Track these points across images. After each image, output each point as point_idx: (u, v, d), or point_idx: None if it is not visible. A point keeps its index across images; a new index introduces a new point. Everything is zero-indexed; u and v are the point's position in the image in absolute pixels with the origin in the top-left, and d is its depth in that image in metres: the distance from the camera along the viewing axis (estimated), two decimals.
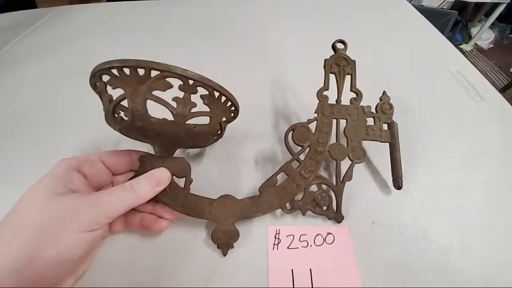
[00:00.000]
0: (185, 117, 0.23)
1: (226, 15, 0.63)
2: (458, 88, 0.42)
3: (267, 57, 0.49)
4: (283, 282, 0.24)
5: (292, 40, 0.54)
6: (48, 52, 0.53)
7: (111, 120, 0.24)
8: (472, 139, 0.35)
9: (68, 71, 0.48)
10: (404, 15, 0.62)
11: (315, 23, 0.59)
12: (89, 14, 0.67)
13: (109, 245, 0.27)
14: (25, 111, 0.41)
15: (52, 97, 0.43)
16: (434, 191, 0.30)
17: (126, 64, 0.20)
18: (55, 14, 0.67)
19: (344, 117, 0.30)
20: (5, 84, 0.46)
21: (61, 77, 0.47)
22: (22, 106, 0.42)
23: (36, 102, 0.42)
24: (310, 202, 0.28)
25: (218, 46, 0.53)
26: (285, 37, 0.55)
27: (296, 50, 0.51)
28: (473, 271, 0.25)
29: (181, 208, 0.26)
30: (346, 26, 0.58)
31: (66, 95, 0.43)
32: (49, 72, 0.48)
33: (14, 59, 0.52)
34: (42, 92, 0.44)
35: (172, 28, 0.59)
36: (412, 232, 0.27)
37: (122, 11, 0.68)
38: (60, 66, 0.49)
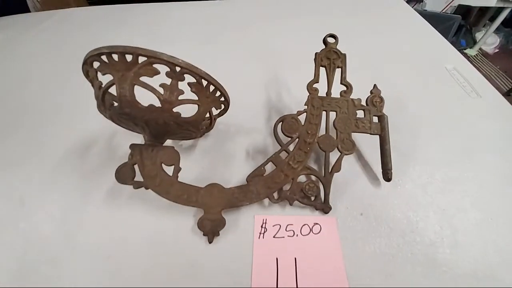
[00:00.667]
0: (172, 103, 0.23)
1: (221, 14, 0.65)
2: (454, 85, 0.41)
3: (262, 55, 0.50)
4: (267, 270, 0.24)
5: (288, 38, 0.55)
6: (53, 50, 0.55)
7: (101, 107, 0.25)
8: (467, 135, 0.35)
9: (71, 68, 0.49)
10: (401, 14, 0.62)
11: (311, 22, 0.60)
12: (92, 15, 0.69)
13: (94, 231, 0.27)
14: (31, 105, 0.42)
15: (55, 92, 0.45)
16: (425, 185, 0.30)
17: (115, 50, 0.21)
18: (61, 16, 0.69)
19: (334, 110, 0.30)
20: (14, 79, 0.48)
21: (64, 73, 0.48)
22: (28, 100, 0.43)
23: (40, 97, 0.44)
24: (297, 193, 0.28)
25: (213, 44, 0.54)
26: (281, 35, 0.56)
27: (291, 48, 0.51)
28: (463, 266, 0.24)
29: (168, 196, 0.26)
30: (341, 24, 0.58)
31: (67, 91, 0.45)
32: (55, 68, 0.50)
33: (23, 56, 0.54)
34: (47, 87, 0.46)
35: (168, 28, 0.61)
36: (400, 225, 0.27)
37: (121, 13, 0.70)
38: (64, 63, 0.51)
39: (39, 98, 0.43)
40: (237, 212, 0.28)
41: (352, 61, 0.31)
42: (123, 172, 0.26)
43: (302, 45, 0.53)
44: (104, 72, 0.22)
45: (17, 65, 0.52)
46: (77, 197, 0.30)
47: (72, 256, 0.26)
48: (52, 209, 0.29)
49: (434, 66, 0.46)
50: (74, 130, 0.37)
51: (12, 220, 0.29)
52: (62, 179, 0.32)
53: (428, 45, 0.51)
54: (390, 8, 0.64)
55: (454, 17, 1.63)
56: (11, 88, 0.46)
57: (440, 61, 0.47)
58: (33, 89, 0.46)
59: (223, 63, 0.46)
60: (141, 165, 0.26)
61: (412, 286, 0.23)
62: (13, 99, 0.44)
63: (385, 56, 0.48)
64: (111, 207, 0.29)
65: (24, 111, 0.41)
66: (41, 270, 0.25)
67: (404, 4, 0.67)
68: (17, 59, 0.53)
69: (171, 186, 0.26)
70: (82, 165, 0.33)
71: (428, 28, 0.56)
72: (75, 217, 0.29)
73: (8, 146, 0.36)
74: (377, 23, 0.58)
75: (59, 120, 0.40)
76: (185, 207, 0.27)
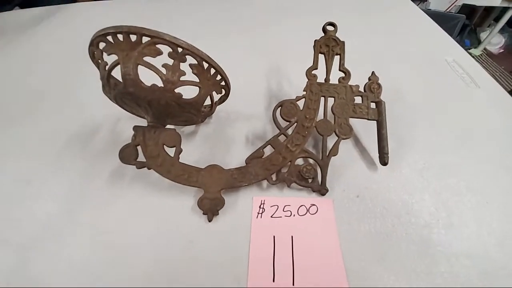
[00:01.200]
0: (174, 84, 0.24)
1: (223, 4, 0.65)
2: (453, 76, 0.42)
3: (263, 45, 0.51)
4: (265, 247, 0.25)
5: (289, 29, 0.56)
6: (64, 42, 0.57)
7: (106, 87, 0.26)
8: (464, 123, 0.35)
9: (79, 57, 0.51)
10: (402, 8, 0.63)
11: (313, 13, 0.60)
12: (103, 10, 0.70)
13: (97, 210, 0.28)
14: (39, 92, 0.43)
15: (62, 80, 0.46)
16: (421, 170, 0.30)
17: (120, 30, 0.22)
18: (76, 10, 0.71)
19: (332, 95, 0.31)
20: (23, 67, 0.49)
21: (66, 62, 0.50)
22: (36, 88, 0.44)
23: (47, 85, 0.45)
24: (295, 175, 0.28)
25: (214, 33, 0.55)
26: (282, 25, 0.57)
27: (292, 38, 0.52)
28: (457, 246, 0.25)
29: (169, 175, 0.27)
30: (342, 15, 0.59)
31: (74, 78, 0.46)
32: (61, 58, 0.51)
33: (30, 47, 0.55)
34: (54, 76, 0.47)
35: (171, 19, 0.62)
36: (396, 207, 0.27)
37: (128, 7, 0.71)
38: (70, 53, 0.52)
39: (47, 86, 0.45)
40: (236, 194, 0.29)
41: (351, 52, 0.32)
42: (126, 153, 0.27)
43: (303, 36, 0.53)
44: (110, 52, 0.23)
45: (25, 55, 0.53)
46: (81, 178, 0.31)
47: (75, 232, 0.27)
48: (56, 189, 0.30)
49: (434, 58, 0.46)
50: (80, 116, 0.38)
51: (19, 198, 0.30)
52: (67, 161, 0.33)
53: (428, 38, 0.52)
54: (391, 1, 0.64)
55: (458, 16, 1.62)
56: (20, 76, 0.48)
57: (440, 53, 0.47)
58: (41, 77, 0.47)
59: (224, 52, 0.47)
60: (144, 146, 0.27)
61: (407, 264, 0.23)
62: (22, 87, 0.45)
63: (385, 48, 0.49)
64: (114, 188, 0.30)
65: (32, 98, 0.43)
66: (45, 245, 0.26)
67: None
68: (24, 49, 0.55)
69: (172, 166, 0.27)
70: (87, 148, 0.34)
71: (428, 22, 0.56)
72: (79, 197, 0.30)
73: (17, 130, 0.37)
74: (378, 16, 0.59)
75: (66, 106, 0.41)
76: (186, 187, 0.27)
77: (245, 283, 0.23)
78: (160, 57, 0.23)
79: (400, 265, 0.23)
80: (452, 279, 0.23)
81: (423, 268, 0.23)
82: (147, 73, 0.23)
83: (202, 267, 0.24)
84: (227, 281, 0.23)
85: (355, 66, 0.31)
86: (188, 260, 0.24)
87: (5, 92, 0.44)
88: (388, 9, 0.63)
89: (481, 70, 0.44)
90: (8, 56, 0.52)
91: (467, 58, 0.47)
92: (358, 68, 0.31)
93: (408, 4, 0.64)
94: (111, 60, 0.24)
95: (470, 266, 0.23)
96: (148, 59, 0.23)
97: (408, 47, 0.49)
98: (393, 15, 0.60)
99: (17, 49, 0.54)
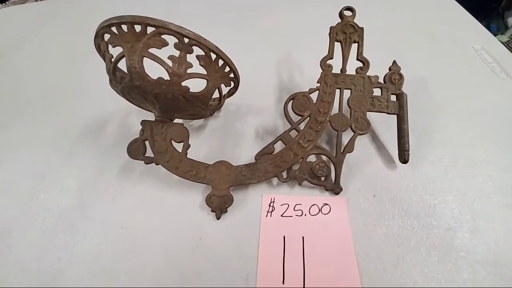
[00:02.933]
0: (181, 76, 0.23)
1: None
2: (481, 65, 0.38)
3: (274, 34, 0.48)
4: (274, 247, 0.24)
5: (302, 16, 0.53)
6: (72, 36, 0.57)
7: (113, 81, 0.25)
8: (493, 116, 0.32)
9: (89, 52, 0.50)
10: None
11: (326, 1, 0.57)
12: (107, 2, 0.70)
13: (108, 204, 0.28)
14: (51, 89, 0.44)
15: (69, 75, 0.46)
16: (445, 168, 0.28)
17: (124, 20, 0.21)
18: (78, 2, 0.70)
19: (348, 87, 0.29)
20: (29, 64, 0.50)
21: (77, 58, 0.50)
22: (49, 84, 0.45)
23: (59, 81, 0.45)
24: (307, 172, 0.27)
25: (223, 23, 0.53)
26: (294, 13, 0.54)
27: (305, 27, 0.49)
28: (482, 252, 0.23)
29: (177, 171, 0.26)
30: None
31: (81, 73, 0.46)
32: (73, 53, 0.51)
33: (37, 44, 0.56)
34: (61, 71, 0.47)
35: (179, 9, 0.60)
36: (416, 208, 0.25)
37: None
38: (77, 49, 0.52)
39: (59, 83, 0.45)
40: (245, 191, 0.28)
41: (371, 39, 0.29)
42: (134, 148, 0.27)
43: (317, 22, 0.51)
44: (115, 44, 0.23)
45: (36, 48, 0.54)
46: (93, 172, 0.31)
47: (87, 226, 0.27)
48: (69, 183, 0.31)
49: (460, 46, 0.42)
50: (90, 111, 0.38)
51: (33, 192, 0.31)
52: (79, 156, 0.33)
53: (454, 23, 0.48)
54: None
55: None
56: (33, 72, 0.48)
57: (467, 40, 0.43)
58: (54, 73, 0.47)
59: (234, 43, 0.45)
60: (152, 141, 0.27)
61: (426, 270, 0.22)
62: (35, 83, 0.45)
63: (407, 36, 0.45)
64: (124, 182, 0.30)
65: (45, 94, 0.43)
66: (58, 237, 0.26)
67: None
68: (36, 43, 0.55)
69: (180, 162, 0.27)
70: (97, 143, 0.34)
71: (454, 6, 0.52)
72: (91, 191, 0.30)
73: (30, 125, 0.38)
74: (400, 0, 0.55)
75: (77, 101, 0.41)
76: (194, 184, 0.27)
77: (254, 283, 0.22)
78: (166, 49, 0.22)
79: (419, 270, 0.22)
80: None
81: (444, 274, 0.22)
82: (154, 65, 0.22)
83: (211, 264, 0.24)
84: (236, 280, 0.23)
85: (375, 55, 0.29)
86: (197, 257, 0.24)
87: (18, 88, 0.45)
88: None
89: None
90: (18, 51, 0.53)
91: (497, 46, 0.42)
92: (377, 57, 0.29)
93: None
94: (116, 53, 0.23)
95: (496, 274, 0.22)
96: (154, 51, 0.22)
97: (432, 34, 0.45)
98: None
99: (26, 43, 0.55)
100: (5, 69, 0.49)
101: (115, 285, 0.23)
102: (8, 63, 0.50)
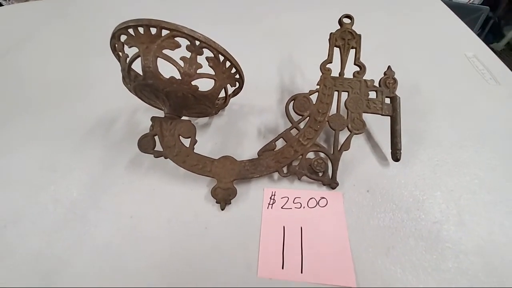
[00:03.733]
0: (191, 76, 0.25)
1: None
2: (472, 72, 0.41)
3: (277, 38, 0.51)
4: (275, 236, 0.26)
5: (303, 21, 0.55)
6: (77, 34, 0.58)
7: (127, 79, 0.27)
8: (481, 120, 0.34)
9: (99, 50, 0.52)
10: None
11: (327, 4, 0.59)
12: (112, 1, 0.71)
13: (117, 196, 0.30)
14: (62, 85, 0.45)
15: (79, 72, 0.48)
16: (434, 166, 0.30)
17: (140, 23, 0.23)
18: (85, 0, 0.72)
19: (346, 90, 0.31)
20: (38, 61, 0.51)
21: (87, 55, 0.51)
22: (59, 81, 0.46)
23: (66, 76, 0.47)
24: (306, 168, 0.29)
25: (228, 26, 0.55)
26: (296, 18, 0.56)
27: (306, 31, 0.52)
28: (466, 243, 0.25)
29: (185, 165, 0.28)
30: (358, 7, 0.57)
31: (90, 71, 0.47)
32: (77, 51, 0.53)
33: (45, 41, 0.57)
34: (71, 68, 0.49)
35: (184, 10, 0.62)
36: (406, 202, 0.27)
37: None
38: (86, 46, 0.54)
39: (69, 79, 0.46)
40: (248, 185, 0.30)
41: (367, 45, 0.31)
42: (144, 142, 0.29)
43: (317, 28, 0.53)
44: (130, 45, 0.24)
45: (42, 46, 0.55)
46: (102, 166, 0.33)
47: (96, 216, 0.29)
48: (80, 175, 0.32)
49: (453, 53, 0.45)
50: (100, 108, 0.40)
51: (45, 184, 0.32)
52: (89, 150, 0.35)
53: (448, 31, 0.50)
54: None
55: (481, 8, 1.53)
56: (44, 69, 0.50)
57: (460, 48, 0.45)
58: (64, 69, 0.49)
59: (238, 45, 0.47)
60: (161, 136, 0.28)
61: (414, 258, 0.24)
62: (46, 79, 0.47)
63: (402, 42, 0.47)
64: (133, 175, 0.32)
65: (56, 90, 0.45)
66: (69, 227, 0.28)
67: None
68: (45, 41, 0.57)
69: (188, 156, 0.28)
70: (107, 138, 0.36)
71: (449, 14, 0.54)
72: (101, 183, 0.31)
73: (42, 119, 0.40)
74: (396, 8, 0.57)
75: (87, 98, 0.42)
76: (200, 177, 0.29)
77: (255, 269, 0.24)
78: (177, 50, 0.24)
79: (408, 259, 0.24)
80: (460, 275, 0.23)
81: (430, 263, 0.24)
82: (164, 66, 0.24)
83: (215, 251, 0.25)
84: (239, 266, 0.24)
85: (371, 60, 0.31)
86: (202, 245, 0.26)
87: (31, 84, 0.46)
88: (407, 0, 0.60)
89: (503, 66, 0.42)
90: (23, 49, 0.54)
91: (488, 54, 0.45)
92: (373, 62, 0.31)
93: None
94: (131, 53, 0.25)
95: (479, 264, 0.24)
96: (166, 52, 0.24)
97: (426, 41, 0.47)
98: (412, 7, 0.58)
99: (30, 41, 0.57)
100: (13, 66, 0.51)
101: (125, 270, 0.25)
102: (15, 61, 0.52)
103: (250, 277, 0.23)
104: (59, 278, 0.25)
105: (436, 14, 0.56)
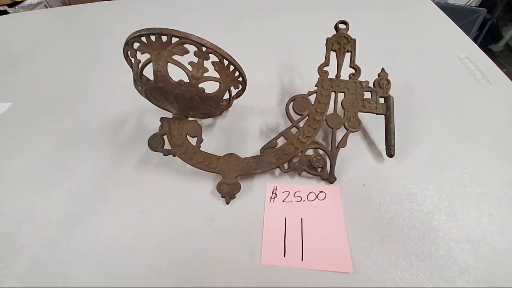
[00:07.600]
0: (198, 79, 0.27)
1: (239, 1, 0.68)
2: (464, 72, 0.42)
3: (277, 42, 0.53)
4: (277, 228, 0.27)
5: (302, 26, 0.57)
6: (85, 41, 0.61)
7: (138, 82, 0.29)
8: (472, 118, 0.36)
9: (101, 56, 0.55)
10: (416, 2, 0.63)
11: (325, 10, 0.62)
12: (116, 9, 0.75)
13: (128, 192, 0.32)
14: (69, 86, 0.48)
15: (89, 76, 0.50)
16: (427, 162, 0.32)
17: (153, 31, 0.25)
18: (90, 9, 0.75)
19: (342, 91, 0.33)
20: (51, 65, 0.54)
21: (95, 61, 0.54)
22: (66, 82, 0.49)
23: (76, 81, 0.49)
24: (306, 164, 0.31)
25: (230, 31, 0.57)
26: (296, 23, 0.59)
27: (305, 36, 0.54)
28: (457, 232, 0.26)
29: (192, 162, 0.30)
30: (354, 12, 0.60)
31: (100, 75, 0.50)
32: (86, 56, 0.55)
33: (57, 46, 0.60)
34: (81, 72, 0.51)
35: (188, 16, 0.65)
36: (400, 195, 0.29)
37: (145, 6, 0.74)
38: (95, 52, 0.57)
39: (80, 84, 0.49)
40: (251, 180, 0.32)
41: (362, 48, 0.33)
42: (154, 141, 0.31)
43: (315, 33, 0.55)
44: (143, 52, 0.27)
45: (56, 53, 0.58)
46: (113, 164, 0.35)
47: (110, 210, 0.31)
48: (92, 173, 0.34)
49: (446, 55, 0.47)
50: (110, 110, 0.42)
51: (58, 182, 0.34)
52: (100, 150, 0.37)
53: (441, 34, 0.52)
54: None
55: (479, 10, 1.56)
56: (55, 74, 0.52)
57: (453, 50, 0.47)
58: (74, 75, 0.51)
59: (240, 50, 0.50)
60: (169, 135, 0.30)
61: (407, 246, 0.25)
62: (58, 84, 0.49)
63: (396, 44, 0.50)
64: (143, 173, 0.34)
65: (68, 94, 0.47)
66: (83, 221, 0.30)
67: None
68: (55, 47, 0.60)
69: (194, 154, 0.30)
70: (117, 138, 0.38)
71: (442, 17, 0.56)
72: (112, 180, 0.33)
73: (55, 121, 0.42)
74: (391, 11, 0.59)
75: (98, 101, 0.45)
76: (206, 173, 0.31)
77: (259, 257, 0.26)
78: (185, 55, 0.26)
79: (401, 246, 0.25)
80: (451, 262, 0.25)
81: (423, 250, 0.25)
82: (174, 70, 0.26)
83: (221, 242, 0.27)
84: (243, 255, 0.26)
85: (366, 62, 0.33)
86: (209, 236, 0.27)
87: (44, 88, 0.49)
88: (401, 4, 0.63)
89: (494, 66, 0.44)
90: (40, 55, 0.57)
91: (480, 55, 0.47)
92: (368, 64, 0.33)
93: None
94: (142, 59, 0.27)
95: (469, 251, 0.25)
96: (176, 57, 0.26)
97: (420, 43, 0.49)
98: (406, 10, 0.60)
99: (46, 47, 0.59)
100: (25, 71, 0.53)
101: (137, 259, 0.27)
102: (28, 66, 0.55)
103: (254, 265, 0.25)
104: (74, 271, 0.26)
105: (430, 16, 0.58)
